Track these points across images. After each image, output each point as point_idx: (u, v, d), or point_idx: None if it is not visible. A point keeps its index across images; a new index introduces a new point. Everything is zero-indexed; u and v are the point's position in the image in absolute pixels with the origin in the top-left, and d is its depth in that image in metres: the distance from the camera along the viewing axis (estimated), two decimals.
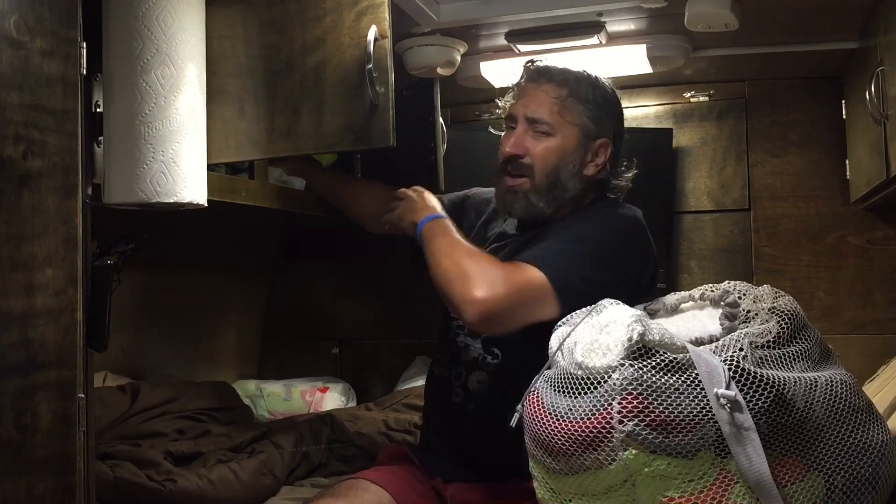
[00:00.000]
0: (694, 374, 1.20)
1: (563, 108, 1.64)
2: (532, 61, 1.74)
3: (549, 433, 1.28)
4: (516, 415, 1.37)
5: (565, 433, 1.25)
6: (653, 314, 1.48)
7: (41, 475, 1.17)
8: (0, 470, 1.11)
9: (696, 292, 1.49)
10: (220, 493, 1.72)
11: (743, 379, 1.19)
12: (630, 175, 1.75)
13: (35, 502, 1.16)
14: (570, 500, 1.29)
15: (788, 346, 1.32)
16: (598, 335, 1.29)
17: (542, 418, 1.30)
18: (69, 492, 1.21)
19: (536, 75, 1.69)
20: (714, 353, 1.26)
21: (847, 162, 2.33)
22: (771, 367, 1.27)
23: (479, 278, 1.44)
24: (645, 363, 1.20)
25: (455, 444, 1.66)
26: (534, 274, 1.46)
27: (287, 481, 1.92)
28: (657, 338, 1.23)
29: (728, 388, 1.17)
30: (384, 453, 1.80)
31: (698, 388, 1.19)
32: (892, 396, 1.68)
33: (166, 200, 1.41)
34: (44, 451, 1.17)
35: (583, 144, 1.65)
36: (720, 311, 1.41)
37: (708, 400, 1.18)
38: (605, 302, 1.38)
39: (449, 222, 1.64)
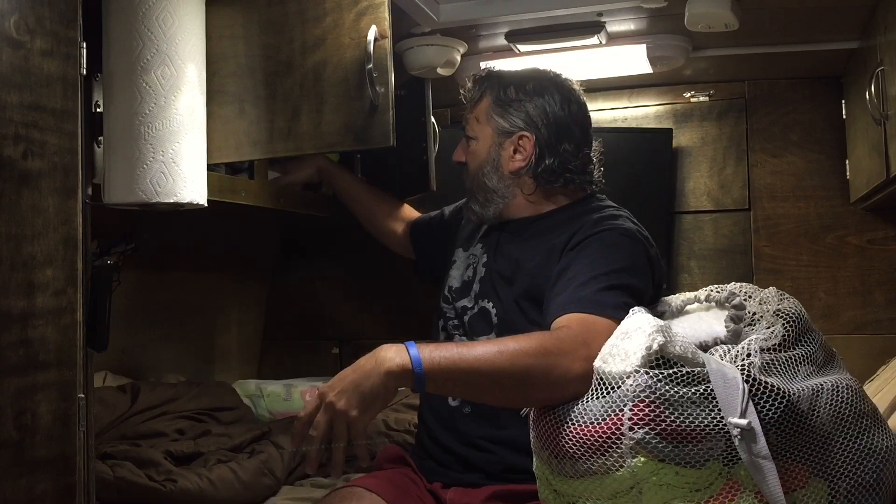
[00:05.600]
0: (708, 387, 1.19)
1: (480, 111, 1.73)
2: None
3: (557, 435, 1.27)
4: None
5: (574, 436, 1.25)
6: (659, 316, 1.47)
7: (41, 475, 1.17)
8: (0, 470, 1.11)
9: (701, 294, 1.49)
10: (220, 493, 1.72)
11: (754, 389, 1.19)
12: (576, 162, 1.69)
13: (35, 502, 1.15)
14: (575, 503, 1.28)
15: (793, 349, 1.32)
16: (619, 341, 1.29)
17: (551, 419, 1.30)
18: (69, 492, 1.21)
19: (471, 86, 1.78)
20: (724, 358, 1.25)
21: (847, 162, 2.33)
22: (777, 372, 1.27)
23: (558, 357, 1.30)
24: (661, 373, 1.20)
25: (452, 447, 1.66)
26: (592, 321, 1.39)
27: (287, 481, 1.92)
28: (678, 350, 1.22)
29: (745, 409, 1.16)
30: (382, 455, 1.79)
31: (711, 401, 1.18)
32: (891, 396, 1.68)
33: (166, 200, 1.41)
34: (44, 451, 1.17)
35: (498, 143, 1.71)
36: (726, 312, 1.40)
37: (720, 410, 1.18)
38: (633, 309, 1.37)
39: (422, 345, 1.31)
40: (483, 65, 2.13)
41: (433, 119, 2.17)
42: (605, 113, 2.54)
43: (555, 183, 1.69)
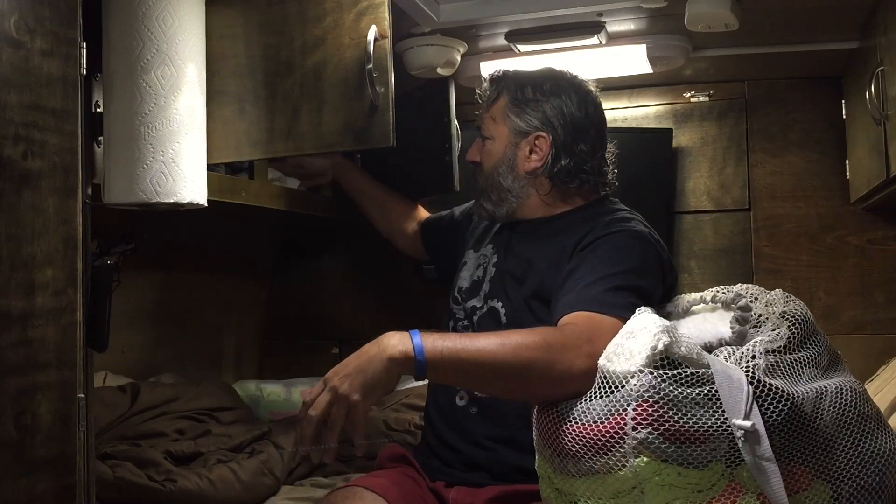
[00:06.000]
0: (712, 388, 1.19)
1: (496, 110, 1.73)
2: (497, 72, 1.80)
3: (559, 432, 1.27)
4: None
5: (577, 435, 1.25)
6: (665, 317, 1.47)
7: (41, 475, 1.17)
8: (0, 470, 1.11)
9: (707, 294, 1.48)
10: (220, 493, 1.72)
11: (758, 391, 1.19)
12: (592, 163, 1.70)
13: (35, 502, 1.15)
14: (577, 503, 1.28)
15: (798, 351, 1.32)
16: (624, 340, 1.29)
17: (554, 416, 1.29)
18: (69, 492, 1.21)
19: (487, 86, 1.78)
20: (729, 360, 1.25)
21: (847, 162, 2.33)
22: (782, 374, 1.27)
23: (561, 353, 1.30)
24: (665, 373, 1.20)
25: (458, 447, 1.65)
26: (598, 319, 1.39)
27: (287, 481, 1.92)
28: (684, 351, 1.22)
29: (749, 410, 1.16)
30: (383, 454, 1.79)
31: (715, 402, 1.18)
32: (891, 396, 1.68)
33: (166, 200, 1.41)
34: (44, 451, 1.17)
35: (514, 143, 1.70)
36: (731, 314, 1.40)
37: (723, 411, 1.18)
38: (639, 309, 1.37)
39: (426, 333, 1.32)
40: (483, 65, 2.14)
41: (455, 119, 2.16)
42: (605, 113, 2.53)
43: (570, 184, 1.69)
